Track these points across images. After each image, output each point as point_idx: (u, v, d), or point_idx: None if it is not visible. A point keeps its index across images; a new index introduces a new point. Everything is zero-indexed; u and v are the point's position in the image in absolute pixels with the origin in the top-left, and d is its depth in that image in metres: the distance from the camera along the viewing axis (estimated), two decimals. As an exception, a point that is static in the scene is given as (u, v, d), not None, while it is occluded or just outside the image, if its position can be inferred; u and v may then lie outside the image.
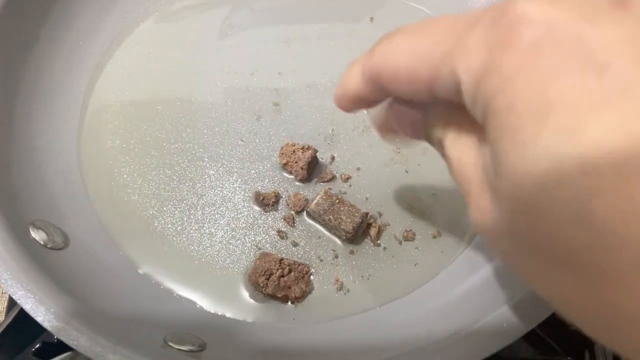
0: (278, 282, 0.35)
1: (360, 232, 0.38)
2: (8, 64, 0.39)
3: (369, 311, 0.36)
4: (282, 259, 0.36)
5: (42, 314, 0.29)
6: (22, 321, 0.38)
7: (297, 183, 0.40)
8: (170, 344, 0.31)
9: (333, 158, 0.41)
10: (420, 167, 0.41)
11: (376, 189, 0.40)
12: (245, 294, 0.37)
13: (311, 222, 0.39)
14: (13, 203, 0.34)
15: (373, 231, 0.38)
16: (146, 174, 0.41)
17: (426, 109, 0.24)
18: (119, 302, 0.35)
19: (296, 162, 0.39)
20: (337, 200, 0.37)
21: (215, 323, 0.35)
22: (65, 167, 0.40)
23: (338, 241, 0.38)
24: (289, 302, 0.36)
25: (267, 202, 0.39)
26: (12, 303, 0.44)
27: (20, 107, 0.39)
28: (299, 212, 0.39)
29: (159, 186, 0.40)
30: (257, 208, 0.39)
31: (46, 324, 0.29)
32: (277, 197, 0.39)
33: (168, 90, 0.44)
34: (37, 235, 0.34)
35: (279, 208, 0.39)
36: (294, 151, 0.39)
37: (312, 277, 0.37)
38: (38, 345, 0.38)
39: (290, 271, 0.36)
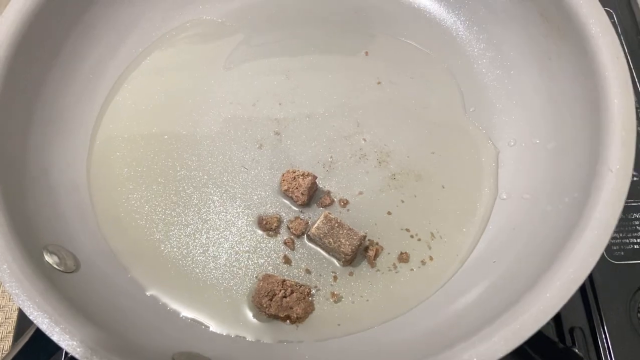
0: (281, 303, 0.37)
1: (358, 254, 0.39)
2: (23, 96, 0.41)
3: (367, 330, 0.38)
4: (284, 280, 0.38)
5: (58, 334, 0.31)
6: (32, 347, 0.39)
7: (296, 208, 0.42)
8: (178, 362, 0.33)
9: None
10: (414, 193, 0.43)
11: (372, 213, 0.42)
12: (249, 314, 0.38)
13: (311, 245, 0.40)
14: (28, 228, 0.36)
15: (371, 253, 0.40)
16: (153, 200, 0.43)
17: None
18: (128, 323, 0.36)
19: (297, 188, 0.41)
20: (336, 224, 0.39)
21: (220, 343, 0.37)
22: (76, 194, 0.42)
23: (337, 263, 0.40)
24: (291, 322, 0.38)
25: (269, 226, 0.41)
26: (19, 332, 0.45)
27: (34, 137, 0.41)
28: (299, 236, 0.41)
29: (165, 212, 0.42)
30: (259, 232, 0.41)
31: (62, 344, 0.31)
32: (279, 221, 0.41)
33: (174, 121, 0.46)
34: (51, 259, 0.36)
35: (280, 232, 0.41)
36: (294, 178, 0.41)
37: (312, 297, 0.39)
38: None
39: (292, 292, 0.37)
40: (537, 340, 0.31)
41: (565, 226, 0.34)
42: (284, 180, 0.42)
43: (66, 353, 0.39)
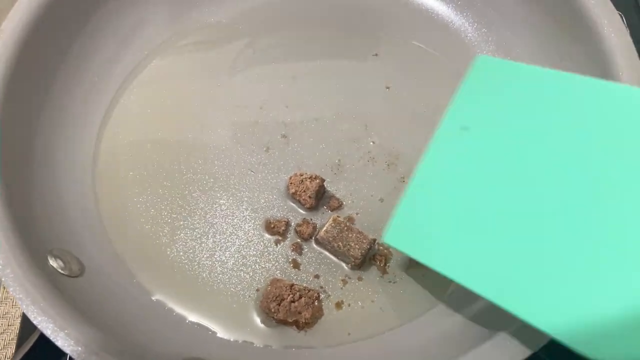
0: (289, 308, 0.36)
1: (367, 258, 0.39)
2: (28, 101, 0.40)
3: (376, 336, 0.37)
4: (292, 285, 0.37)
5: (62, 339, 0.30)
6: (36, 353, 0.39)
7: (304, 212, 0.41)
8: (185, 368, 0.32)
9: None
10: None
11: (381, 217, 0.41)
12: (257, 320, 0.37)
13: (319, 248, 0.40)
14: (33, 232, 0.36)
15: (381, 258, 0.39)
16: (159, 203, 0.42)
17: None
18: (134, 328, 0.35)
19: (304, 191, 0.40)
20: (345, 227, 0.38)
21: (227, 348, 0.36)
22: (81, 198, 0.42)
23: (346, 267, 0.39)
24: (299, 329, 0.37)
25: (277, 230, 0.40)
26: (22, 338, 0.44)
27: (39, 141, 0.41)
28: (307, 239, 0.40)
29: (171, 215, 0.42)
30: (267, 236, 0.41)
31: (66, 349, 0.30)
32: (287, 225, 0.41)
33: (180, 124, 0.45)
34: (55, 263, 0.35)
35: (288, 236, 0.41)
36: (302, 180, 0.40)
37: (321, 302, 0.38)
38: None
39: (300, 297, 0.37)
40: (554, 347, 0.30)
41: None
42: (291, 183, 0.41)
43: (71, 358, 0.39)
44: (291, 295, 0.36)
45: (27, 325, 0.45)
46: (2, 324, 0.47)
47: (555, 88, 0.30)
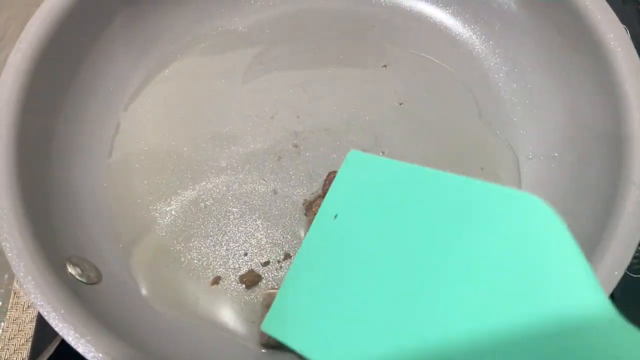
0: None
1: None
2: (44, 112, 0.41)
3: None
4: None
5: (83, 345, 0.31)
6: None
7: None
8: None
9: None
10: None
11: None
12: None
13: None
14: (52, 240, 0.36)
15: None
16: (173, 211, 0.43)
17: None
18: (150, 336, 0.36)
19: None
20: None
21: (246, 356, 0.37)
22: (97, 206, 0.42)
23: None
24: None
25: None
26: (34, 349, 0.45)
27: (55, 150, 0.41)
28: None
29: (185, 223, 0.42)
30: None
31: (87, 355, 0.31)
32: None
33: (192, 133, 0.46)
34: (74, 270, 0.36)
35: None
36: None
37: None
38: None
39: None
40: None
41: (587, 240, 0.34)
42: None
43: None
44: None
45: (42, 332, 0.45)
46: (13, 329, 0.48)
47: (410, 181, 0.32)
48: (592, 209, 0.36)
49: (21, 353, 0.47)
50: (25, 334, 0.48)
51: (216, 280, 0.40)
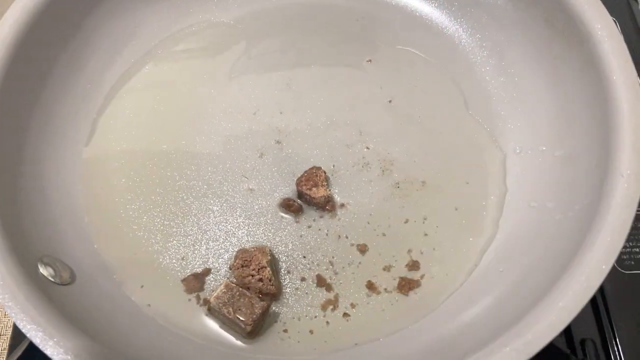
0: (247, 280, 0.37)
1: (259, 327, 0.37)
2: (17, 109, 0.40)
3: (373, 342, 0.37)
4: (264, 268, 0.37)
5: (51, 347, 0.30)
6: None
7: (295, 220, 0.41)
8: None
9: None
10: (419, 201, 0.42)
11: (377, 222, 0.41)
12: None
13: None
14: (22, 240, 0.35)
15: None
16: (151, 210, 0.42)
17: None
18: (124, 337, 0.35)
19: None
20: (238, 293, 0.36)
21: (218, 355, 0.36)
22: (71, 205, 0.41)
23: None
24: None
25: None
26: (13, 345, 0.44)
27: (28, 149, 0.40)
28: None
29: (163, 222, 0.41)
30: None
31: (55, 357, 0.29)
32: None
33: (173, 130, 0.45)
34: (45, 271, 0.35)
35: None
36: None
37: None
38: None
39: (260, 280, 0.37)
40: (550, 353, 0.30)
41: (576, 233, 0.33)
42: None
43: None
44: (257, 275, 0.37)
45: (18, 334, 0.44)
46: (-7, 334, 0.47)
47: None
48: (580, 202, 0.35)
49: (2, 358, 0.46)
50: (6, 338, 0.47)
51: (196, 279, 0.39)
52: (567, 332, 0.41)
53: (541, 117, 0.43)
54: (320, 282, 0.39)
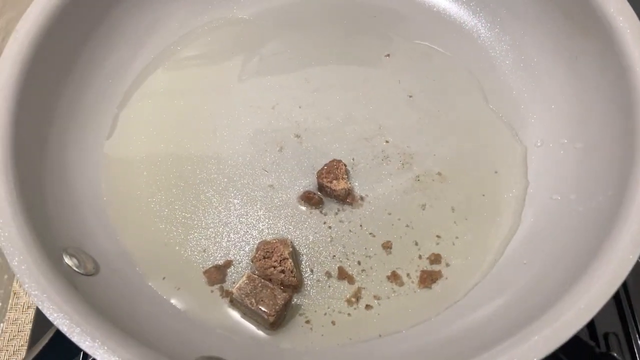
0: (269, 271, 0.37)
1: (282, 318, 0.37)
2: (42, 102, 0.40)
3: (393, 334, 0.37)
4: (287, 259, 0.37)
5: (78, 335, 0.30)
6: (50, 351, 0.38)
7: (318, 212, 0.41)
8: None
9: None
10: (439, 194, 0.42)
11: (397, 216, 0.41)
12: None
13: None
14: (48, 231, 0.35)
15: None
16: (173, 203, 0.42)
17: None
18: (147, 326, 0.35)
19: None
20: (260, 284, 0.37)
21: (242, 347, 0.36)
22: (94, 198, 0.41)
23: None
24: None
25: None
26: (33, 340, 0.44)
27: (53, 140, 0.41)
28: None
29: (184, 215, 0.41)
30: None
31: (82, 345, 0.30)
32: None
33: (194, 124, 0.45)
34: (70, 261, 0.35)
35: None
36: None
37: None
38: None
39: (282, 272, 0.37)
40: (574, 346, 0.30)
41: (599, 225, 0.33)
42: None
43: (85, 356, 0.39)
44: (279, 267, 0.37)
45: (38, 329, 0.45)
46: (12, 330, 0.47)
47: None
48: (603, 194, 0.35)
49: (21, 354, 0.46)
50: (24, 334, 0.47)
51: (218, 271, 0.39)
52: (590, 326, 0.41)
53: (561, 109, 0.43)
54: (342, 274, 0.39)
